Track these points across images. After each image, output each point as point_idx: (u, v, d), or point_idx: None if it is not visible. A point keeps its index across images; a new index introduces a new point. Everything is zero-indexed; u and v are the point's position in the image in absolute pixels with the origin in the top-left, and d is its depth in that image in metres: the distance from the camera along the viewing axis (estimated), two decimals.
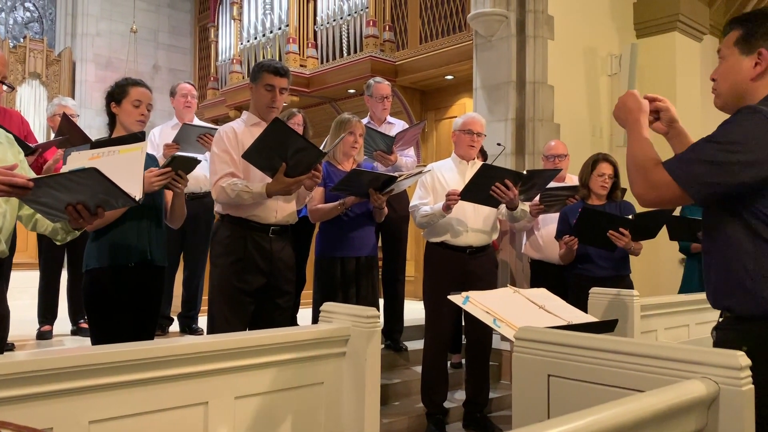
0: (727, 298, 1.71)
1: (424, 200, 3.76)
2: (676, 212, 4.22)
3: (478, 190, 3.42)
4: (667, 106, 1.95)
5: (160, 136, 4.44)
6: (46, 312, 4.32)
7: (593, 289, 3.05)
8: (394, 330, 4.50)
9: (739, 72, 1.75)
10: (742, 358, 1.37)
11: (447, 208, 3.55)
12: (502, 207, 3.67)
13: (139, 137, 2.59)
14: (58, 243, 2.36)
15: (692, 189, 1.63)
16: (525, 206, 3.77)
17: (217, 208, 3.07)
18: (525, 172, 3.60)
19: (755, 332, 1.62)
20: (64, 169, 2.13)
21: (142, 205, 2.67)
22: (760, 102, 1.68)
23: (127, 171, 2.19)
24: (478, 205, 3.65)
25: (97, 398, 1.58)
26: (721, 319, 1.77)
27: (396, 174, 3.47)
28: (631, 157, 1.77)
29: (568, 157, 4.42)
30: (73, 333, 4.43)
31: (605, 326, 2.21)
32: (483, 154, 4.45)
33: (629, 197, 4.26)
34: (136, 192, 2.13)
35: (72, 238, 2.33)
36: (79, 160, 2.26)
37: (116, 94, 2.78)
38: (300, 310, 4.40)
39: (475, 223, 3.71)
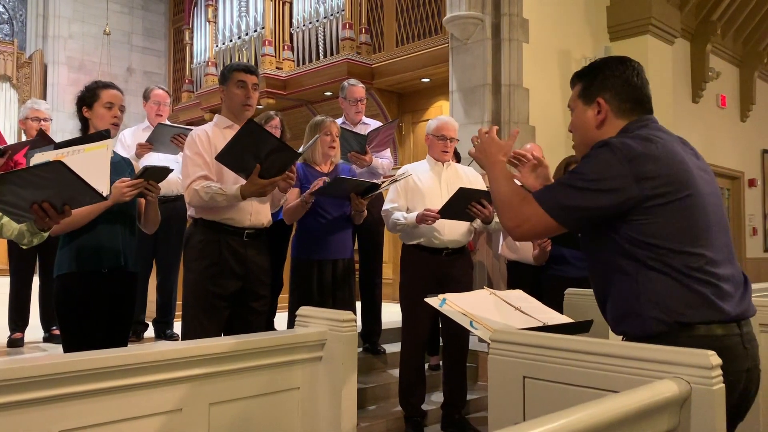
0: (621, 323, 1.76)
1: (395, 204, 3.75)
2: None
3: (455, 209, 3.45)
4: (545, 164, 2.13)
5: (131, 138, 4.37)
6: (18, 319, 4.23)
7: (569, 290, 3.07)
8: (371, 333, 4.49)
9: (585, 122, 1.86)
10: (713, 358, 1.39)
11: (421, 221, 3.56)
12: (477, 220, 3.69)
13: (104, 135, 2.53)
14: (24, 247, 2.31)
15: (558, 214, 1.71)
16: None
17: (190, 211, 3.04)
18: None
19: None
20: None
21: (115, 210, 2.64)
22: (618, 136, 1.75)
23: (93, 168, 2.12)
24: None
25: (68, 407, 1.55)
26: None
27: (379, 182, 3.49)
28: (497, 194, 1.85)
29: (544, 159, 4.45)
30: (45, 340, 4.35)
31: (580, 327, 2.22)
32: (457, 155, 4.46)
33: None
34: (103, 188, 2.08)
35: (39, 242, 2.27)
36: (42, 160, 2.20)
37: (87, 98, 2.74)
38: (277, 314, 4.38)
39: (451, 226, 3.71)
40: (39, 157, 2.24)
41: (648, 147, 1.66)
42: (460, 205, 3.42)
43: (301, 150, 3.07)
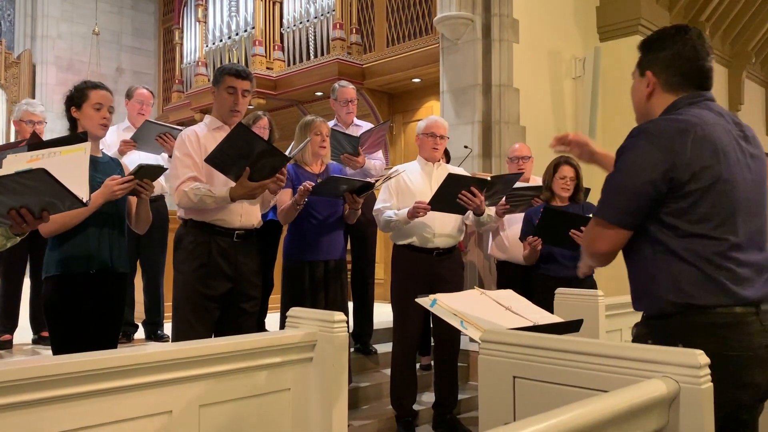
0: (639, 302, 1.82)
1: (386, 204, 3.76)
2: None
3: (446, 199, 3.45)
4: (586, 141, 2.16)
5: (110, 138, 4.31)
6: (7, 321, 4.20)
7: (559, 290, 3.08)
8: (363, 333, 4.49)
9: (638, 93, 1.89)
10: (701, 357, 1.39)
11: (412, 216, 3.56)
12: (469, 213, 3.69)
13: (82, 138, 2.50)
14: None
15: (625, 221, 1.72)
16: (491, 211, 3.80)
17: (180, 213, 3.03)
18: (489, 179, 3.63)
19: (660, 327, 1.73)
20: (2, 173, 1.98)
21: (104, 211, 2.63)
22: (656, 119, 1.77)
23: (70, 172, 2.07)
24: None
25: (58, 409, 1.54)
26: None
27: (373, 180, 3.48)
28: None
29: (531, 159, 4.48)
30: (35, 342, 4.32)
31: (570, 326, 2.22)
32: (447, 155, 4.47)
33: (592, 198, 4.32)
34: (82, 193, 2.04)
35: (12, 245, 2.24)
36: (16, 163, 2.12)
37: (76, 99, 2.72)
38: (269, 314, 4.37)
39: (441, 225, 3.72)
40: (12, 160, 2.17)
41: (683, 132, 1.66)
42: (450, 193, 3.42)
43: (291, 153, 3.06)
